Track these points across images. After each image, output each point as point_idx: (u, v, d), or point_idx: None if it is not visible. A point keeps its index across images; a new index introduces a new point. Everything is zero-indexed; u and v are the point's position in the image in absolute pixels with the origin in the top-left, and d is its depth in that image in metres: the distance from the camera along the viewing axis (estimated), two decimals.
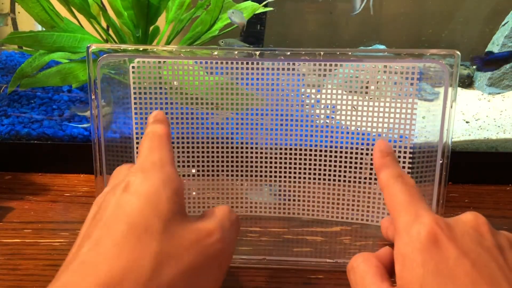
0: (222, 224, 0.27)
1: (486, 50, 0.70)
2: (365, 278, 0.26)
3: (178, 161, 0.42)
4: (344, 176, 0.41)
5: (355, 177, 0.41)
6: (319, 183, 0.42)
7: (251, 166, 0.43)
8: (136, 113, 0.40)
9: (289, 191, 0.43)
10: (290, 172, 0.42)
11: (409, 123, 0.38)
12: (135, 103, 0.40)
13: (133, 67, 0.39)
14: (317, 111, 0.41)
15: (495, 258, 0.24)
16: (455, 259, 0.23)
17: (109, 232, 0.24)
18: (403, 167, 0.39)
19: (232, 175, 0.43)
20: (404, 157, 0.38)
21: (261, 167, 0.43)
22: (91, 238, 0.24)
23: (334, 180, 0.42)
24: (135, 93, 0.39)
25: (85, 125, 0.55)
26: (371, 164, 0.40)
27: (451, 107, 0.35)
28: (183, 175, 0.42)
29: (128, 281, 0.22)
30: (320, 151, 0.41)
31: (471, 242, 0.24)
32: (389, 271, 0.27)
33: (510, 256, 0.24)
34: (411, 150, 0.38)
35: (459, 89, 0.67)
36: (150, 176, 0.26)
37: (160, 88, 0.40)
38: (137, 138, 0.41)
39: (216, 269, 0.26)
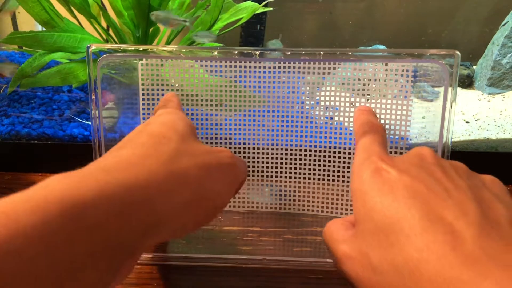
0: (230, 151, 0.30)
1: (486, 50, 0.70)
2: (333, 232, 0.27)
3: None
4: (343, 176, 0.41)
5: None
6: (319, 183, 0.42)
7: (252, 166, 0.43)
8: (143, 109, 0.40)
9: (289, 190, 0.43)
10: (290, 172, 0.42)
11: (405, 123, 0.38)
12: (142, 100, 0.40)
13: (141, 64, 0.39)
14: (317, 111, 0.41)
15: (433, 174, 0.24)
16: (395, 177, 0.24)
17: (131, 141, 0.28)
18: None
19: None
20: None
21: (262, 167, 0.43)
22: (113, 149, 0.27)
23: (334, 179, 0.42)
24: (143, 89, 0.40)
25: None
26: None
27: (451, 107, 0.36)
28: None
29: (149, 160, 0.25)
30: (320, 151, 0.41)
31: (411, 165, 0.25)
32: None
33: (451, 172, 0.25)
34: (408, 148, 0.38)
35: (459, 89, 0.67)
36: (168, 114, 0.31)
37: (167, 85, 0.40)
38: None
39: (229, 178, 0.29)
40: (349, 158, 0.41)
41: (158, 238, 0.25)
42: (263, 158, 0.42)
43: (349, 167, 0.41)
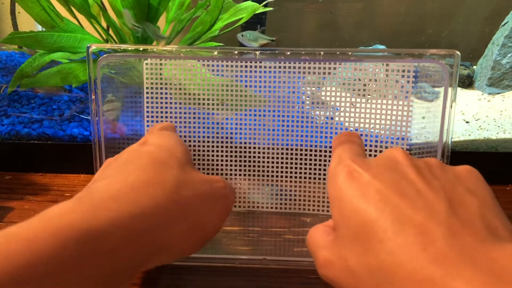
0: (224, 180, 0.32)
1: (486, 50, 0.70)
2: (315, 238, 0.28)
3: None
4: None
5: None
6: (319, 182, 0.42)
7: (252, 166, 0.43)
8: (147, 108, 0.40)
9: (289, 190, 0.43)
10: (290, 172, 0.42)
11: (405, 123, 0.38)
12: (147, 99, 0.40)
13: (146, 63, 0.39)
14: (317, 111, 0.41)
15: (406, 175, 0.25)
16: (367, 181, 0.24)
17: (132, 161, 0.28)
18: None
19: (233, 175, 0.43)
20: None
21: (262, 166, 0.43)
22: (115, 167, 0.28)
23: None
24: (147, 87, 0.40)
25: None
26: None
27: (451, 107, 0.35)
28: None
29: (154, 188, 0.26)
30: (320, 150, 0.41)
31: (384, 168, 0.25)
32: None
33: (424, 171, 0.25)
34: (408, 150, 0.38)
35: (459, 89, 0.67)
36: (165, 136, 0.32)
37: (172, 84, 0.40)
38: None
39: (221, 207, 0.31)
40: None
41: (158, 262, 0.27)
42: (263, 158, 0.42)
43: None
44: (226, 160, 0.43)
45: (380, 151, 0.40)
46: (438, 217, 0.22)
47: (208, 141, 0.42)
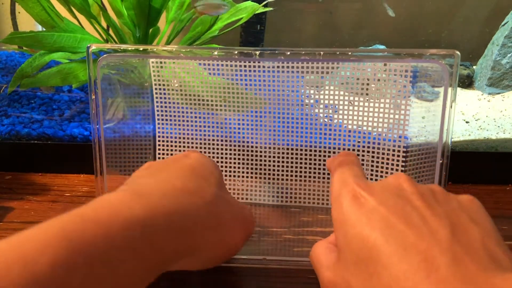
0: (249, 208, 0.34)
1: (486, 50, 0.70)
2: (318, 255, 0.29)
3: None
4: None
5: None
6: (319, 182, 0.42)
7: (252, 166, 0.43)
8: (157, 102, 0.40)
9: (289, 189, 0.43)
10: (290, 172, 0.42)
11: (403, 123, 0.38)
12: (156, 98, 0.40)
13: (152, 62, 0.39)
14: (316, 110, 0.41)
15: (411, 202, 0.25)
16: (372, 208, 0.25)
17: (176, 169, 0.31)
18: (397, 166, 0.39)
19: (233, 175, 0.43)
20: (398, 156, 0.39)
21: (262, 166, 0.43)
22: (158, 171, 0.31)
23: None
24: (155, 84, 0.40)
25: None
26: (371, 163, 0.40)
27: (451, 107, 0.35)
28: None
29: (198, 196, 0.29)
30: (320, 150, 0.42)
31: (389, 194, 0.26)
32: None
33: (429, 198, 0.25)
34: (405, 149, 0.38)
35: (459, 89, 0.67)
36: (205, 157, 0.34)
37: (178, 85, 0.40)
38: (158, 127, 0.41)
39: (246, 231, 0.33)
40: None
41: (188, 264, 0.29)
42: (263, 157, 0.42)
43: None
44: (234, 160, 0.43)
45: (378, 151, 0.40)
46: (442, 244, 0.22)
47: (212, 141, 0.42)
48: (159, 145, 0.44)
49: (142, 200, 0.25)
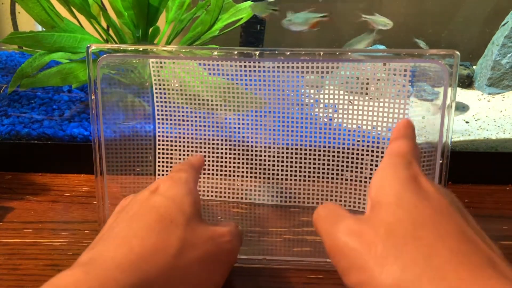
0: (231, 231, 0.31)
1: (486, 50, 0.70)
2: (336, 209, 0.28)
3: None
4: (342, 175, 0.41)
5: (356, 177, 0.41)
6: (319, 182, 0.42)
7: (252, 166, 0.43)
8: (157, 103, 0.40)
9: (290, 188, 0.43)
10: (290, 171, 0.42)
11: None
12: (156, 98, 0.40)
13: (152, 62, 0.39)
14: (316, 110, 0.41)
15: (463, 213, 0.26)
16: (433, 192, 0.26)
17: (139, 218, 0.29)
18: None
19: (233, 175, 0.43)
20: None
21: (262, 166, 0.43)
22: (123, 222, 0.29)
23: (333, 178, 0.42)
24: (155, 84, 0.41)
25: None
26: (371, 163, 0.40)
27: (451, 107, 0.35)
28: None
29: (158, 255, 0.27)
30: (319, 150, 0.42)
31: (445, 192, 0.27)
32: None
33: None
34: None
35: (459, 89, 0.67)
36: (177, 185, 0.31)
37: (179, 85, 0.40)
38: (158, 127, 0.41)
39: (224, 264, 0.31)
40: (348, 157, 0.41)
41: None
42: (263, 157, 0.42)
43: (346, 166, 0.41)
44: (234, 160, 0.43)
45: (377, 150, 0.40)
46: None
47: (212, 140, 0.42)
48: (159, 145, 0.44)
49: (93, 279, 0.24)
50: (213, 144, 0.43)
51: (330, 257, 0.26)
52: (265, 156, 0.43)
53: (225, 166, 0.44)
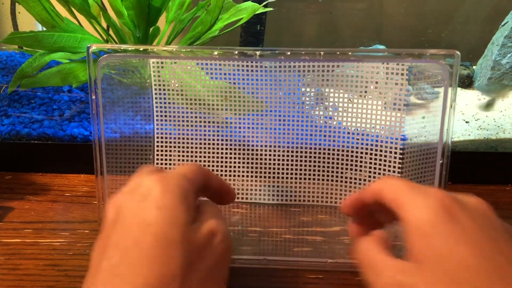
0: (219, 228, 0.30)
1: (486, 50, 0.70)
2: (371, 247, 0.27)
3: (189, 160, 0.42)
4: (341, 176, 0.41)
5: (355, 177, 0.41)
6: (318, 182, 0.42)
7: (252, 165, 0.43)
8: (156, 104, 0.40)
9: (289, 188, 0.43)
10: (290, 171, 0.42)
11: (399, 123, 0.38)
12: (155, 98, 0.40)
13: (153, 62, 0.39)
14: (316, 110, 0.41)
15: (496, 229, 0.26)
16: (470, 227, 0.25)
17: (135, 244, 0.27)
18: (394, 166, 0.39)
19: (233, 175, 0.43)
20: (395, 156, 0.39)
21: (262, 166, 0.43)
22: (117, 248, 0.27)
23: (333, 179, 0.42)
24: (155, 85, 0.40)
25: None
26: (369, 161, 0.40)
27: (451, 107, 0.35)
28: None
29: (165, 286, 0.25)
30: (319, 149, 0.42)
31: (481, 219, 0.26)
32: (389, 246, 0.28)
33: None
34: (405, 149, 0.38)
35: (459, 89, 0.67)
36: (169, 191, 0.29)
37: (180, 86, 0.40)
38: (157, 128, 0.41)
39: (224, 266, 0.30)
40: (348, 157, 0.41)
41: None
42: (263, 157, 0.42)
43: (346, 166, 0.41)
44: (234, 160, 0.43)
45: (376, 150, 0.40)
46: None
47: (212, 140, 0.42)
48: (157, 145, 0.44)
49: None
50: (213, 144, 0.43)
51: None
52: (265, 156, 0.43)
53: (225, 166, 0.44)
